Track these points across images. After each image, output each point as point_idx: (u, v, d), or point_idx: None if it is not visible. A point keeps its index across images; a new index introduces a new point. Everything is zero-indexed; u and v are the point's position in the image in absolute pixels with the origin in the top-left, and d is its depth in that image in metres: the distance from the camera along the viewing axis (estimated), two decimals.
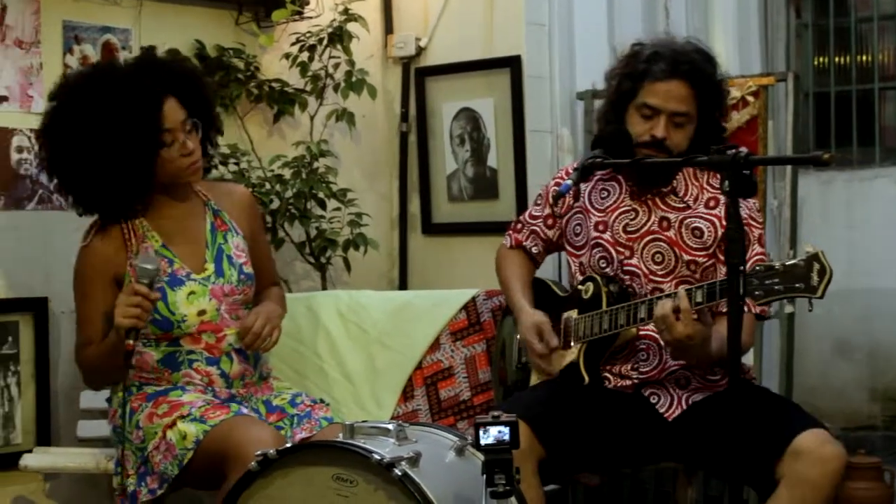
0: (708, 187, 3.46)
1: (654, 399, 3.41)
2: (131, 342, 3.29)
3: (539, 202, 3.74)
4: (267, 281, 3.79)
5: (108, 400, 3.65)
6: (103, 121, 3.37)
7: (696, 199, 3.46)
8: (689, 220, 3.44)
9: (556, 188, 3.50)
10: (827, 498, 3.13)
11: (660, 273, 3.43)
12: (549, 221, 3.69)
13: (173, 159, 3.45)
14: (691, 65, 3.38)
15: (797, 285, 2.81)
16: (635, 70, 3.43)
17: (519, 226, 3.79)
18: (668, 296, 3.22)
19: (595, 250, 3.51)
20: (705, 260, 3.41)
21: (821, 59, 6.15)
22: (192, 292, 3.50)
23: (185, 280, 3.50)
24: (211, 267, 3.56)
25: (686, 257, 3.41)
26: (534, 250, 3.74)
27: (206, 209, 3.65)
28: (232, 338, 3.54)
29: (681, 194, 3.46)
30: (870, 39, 6.05)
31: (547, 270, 4.29)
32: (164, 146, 3.42)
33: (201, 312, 3.50)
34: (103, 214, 3.52)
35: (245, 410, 3.45)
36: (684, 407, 3.39)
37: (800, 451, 3.12)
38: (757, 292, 2.84)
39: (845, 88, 6.06)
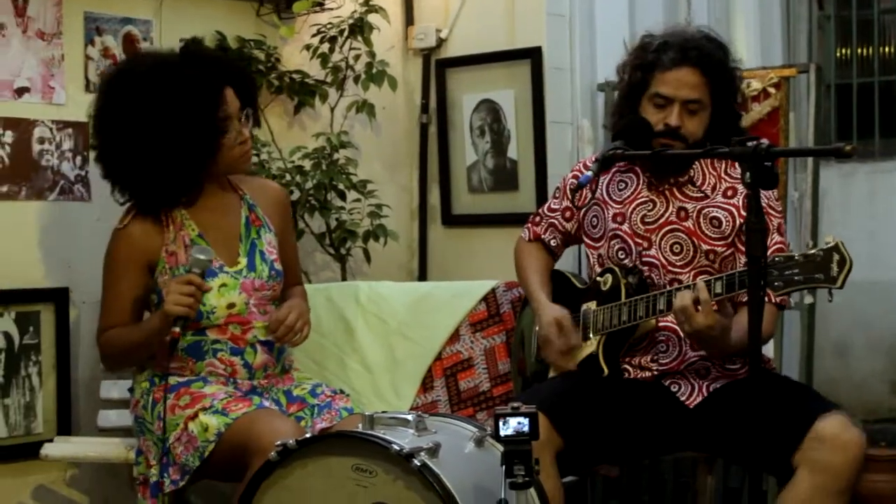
0: (726, 177, 3.45)
1: (674, 388, 3.41)
2: (178, 330, 3.34)
3: (557, 195, 3.74)
4: (292, 280, 3.81)
5: (131, 390, 3.66)
6: (167, 107, 3.41)
7: (713, 189, 3.45)
8: (706, 209, 3.43)
9: (574, 180, 3.50)
10: (848, 483, 3.12)
11: (678, 263, 3.43)
12: (568, 214, 3.69)
13: (231, 146, 3.51)
14: (700, 51, 3.39)
15: (817, 276, 2.80)
16: (645, 60, 3.44)
17: (537, 219, 3.78)
18: (686, 287, 3.21)
19: (613, 242, 3.50)
20: (724, 249, 3.40)
21: (843, 51, 6.13)
22: (223, 284, 3.51)
23: (217, 272, 3.51)
24: (244, 261, 3.58)
25: (704, 247, 3.41)
26: (552, 243, 3.74)
27: (242, 203, 3.68)
28: (258, 331, 3.56)
29: (698, 184, 3.46)
30: (892, 31, 6.02)
31: (567, 262, 4.30)
32: (225, 133, 3.47)
33: (230, 305, 3.51)
34: (152, 202, 3.53)
35: (266, 404, 3.46)
36: (705, 394, 3.38)
37: (821, 436, 3.11)
38: (776, 283, 2.83)
39: (867, 80, 6.03)
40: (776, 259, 2.83)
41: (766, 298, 3.20)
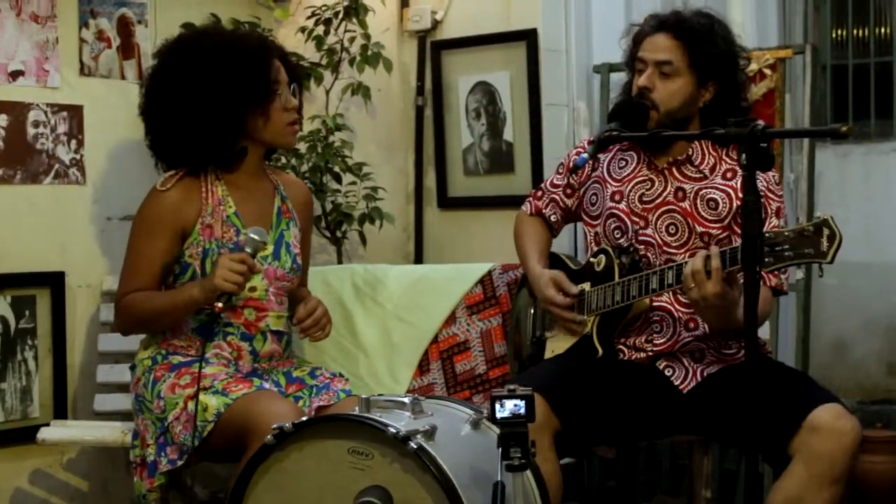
0: (727, 159, 3.46)
1: (668, 372, 3.41)
2: (220, 305, 3.34)
3: (560, 171, 3.74)
4: (303, 279, 3.84)
5: (132, 367, 3.66)
6: (223, 62, 3.50)
7: (712, 170, 3.45)
8: (704, 191, 3.43)
9: (576, 157, 3.51)
10: (842, 472, 3.13)
11: (673, 244, 3.43)
12: (569, 191, 3.70)
13: (279, 112, 3.56)
14: (677, 17, 3.46)
15: (807, 251, 2.80)
16: (636, 35, 3.53)
17: (539, 193, 3.79)
18: (679, 266, 3.21)
19: (609, 220, 3.51)
20: (719, 232, 3.40)
21: (839, 32, 6.10)
22: None
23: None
24: (271, 248, 3.60)
25: (700, 229, 3.41)
26: (552, 218, 3.74)
27: (276, 193, 3.71)
28: (271, 319, 3.58)
29: (697, 163, 3.46)
30: (888, 11, 6.00)
31: (562, 244, 4.30)
32: (273, 95, 3.54)
33: (252, 289, 3.52)
34: (201, 155, 3.56)
35: (267, 385, 3.47)
36: (699, 379, 3.39)
37: (815, 426, 3.12)
38: (767, 259, 2.83)
39: (863, 61, 6.01)
40: (766, 235, 2.82)
41: (763, 282, 3.21)
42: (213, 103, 3.48)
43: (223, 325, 3.53)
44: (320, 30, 4.71)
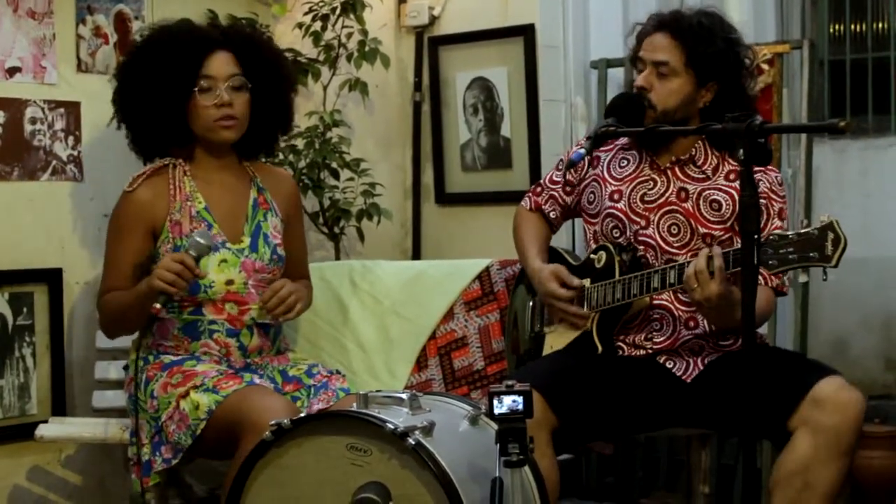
0: (730, 161, 3.44)
1: (669, 364, 3.41)
2: (158, 306, 3.33)
3: (560, 167, 3.74)
4: (297, 272, 3.82)
5: (126, 367, 3.66)
6: (154, 58, 3.57)
7: (715, 171, 3.45)
8: (707, 192, 3.42)
9: (569, 158, 3.50)
10: (849, 445, 3.13)
11: (675, 245, 3.42)
12: (567, 188, 3.69)
13: (207, 107, 3.54)
14: (675, 16, 3.45)
15: (811, 254, 2.80)
16: (639, 34, 3.52)
17: (539, 189, 3.79)
18: (681, 265, 3.21)
19: (607, 220, 3.50)
20: (721, 233, 3.39)
21: (836, 27, 6.10)
22: (223, 260, 3.53)
23: (219, 247, 3.53)
24: (247, 240, 3.59)
25: (702, 230, 3.40)
26: (552, 215, 3.74)
27: (252, 185, 3.70)
28: (255, 312, 3.57)
29: (700, 164, 3.45)
30: (886, 6, 5.99)
31: (561, 239, 4.29)
32: (197, 88, 3.54)
33: (229, 282, 3.52)
34: (147, 151, 3.68)
35: (257, 380, 3.47)
36: (701, 368, 3.39)
37: (819, 398, 3.12)
38: (771, 262, 2.83)
39: (861, 56, 6.00)
40: (771, 237, 2.82)
41: (763, 281, 3.21)
42: (146, 94, 3.56)
43: (207, 322, 3.54)
44: (317, 26, 4.70)
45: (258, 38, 3.80)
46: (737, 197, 3.36)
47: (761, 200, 2.69)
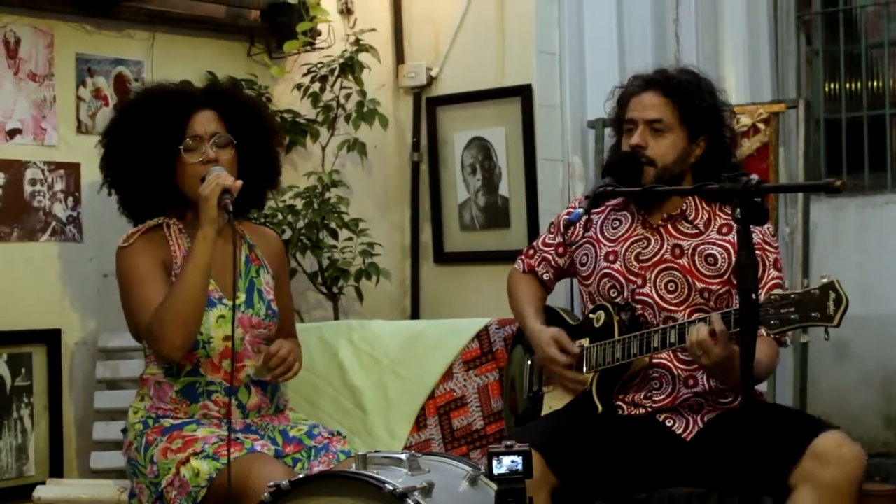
0: (721, 213, 3.46)
1: (669, 423, 3.40)
2: (228, 200, 3.39)
3: (552, 230, 3.75)
4: (284, 330, 3.79)
5: (124, 431, 3.65)
6: (138, 121, 3.58)
7: (707, 224, 3.46)
8: (702, 247, 3.43)
9: (567, 217, 3.52)
10: (851, 500, 3.11)
11: (673, 302, 3.43)
12: (560, 250, 3.70)
13: (194, 164, 3.54)
14: (664, 75, 3.49)
15: (813, 314, 2.80)
16: (622, 95, 3.55)
17: (531, 251, 3.79)
18: (682, 325, 3.21)
19: (604, 280, 3.51)
20: (719, 287, 3.40)
21: (832, 86, 6.15)
22: (221, 316, 3.52)
23: (216, 303, 3.52)
24: (242, 296, 3.59)
25: (699, 285, 3.41)
26: (545, 277, 3.74)
27: (242, 242, 3.70)
28: (251, 370, 3.56)
29: (691, 219, 3.47)
30: (881, 65, 6.04)
31: (559, 297, 4.30)
32: (182, 147, 3.54)
33: (227, 338, 3.51)
34: (138, 213, 3.66)
35: (258, 447, 3.44)
36: (701, 426, 3.38)
37: (820, 453, 3.11)
38: (773, 322, 2.83)
39: (856, 114, 6.04)
40: (772, 297, 2.83)
41: (766, 333, 3.21)
42: (133, 155, 3.56)
43: (205, 384, 3.52)
44: (316, 87, 4.73)
45: (240, 95, 3.83)
46: (731, 250, 3.40)
47: (756, 252, 2.69)
